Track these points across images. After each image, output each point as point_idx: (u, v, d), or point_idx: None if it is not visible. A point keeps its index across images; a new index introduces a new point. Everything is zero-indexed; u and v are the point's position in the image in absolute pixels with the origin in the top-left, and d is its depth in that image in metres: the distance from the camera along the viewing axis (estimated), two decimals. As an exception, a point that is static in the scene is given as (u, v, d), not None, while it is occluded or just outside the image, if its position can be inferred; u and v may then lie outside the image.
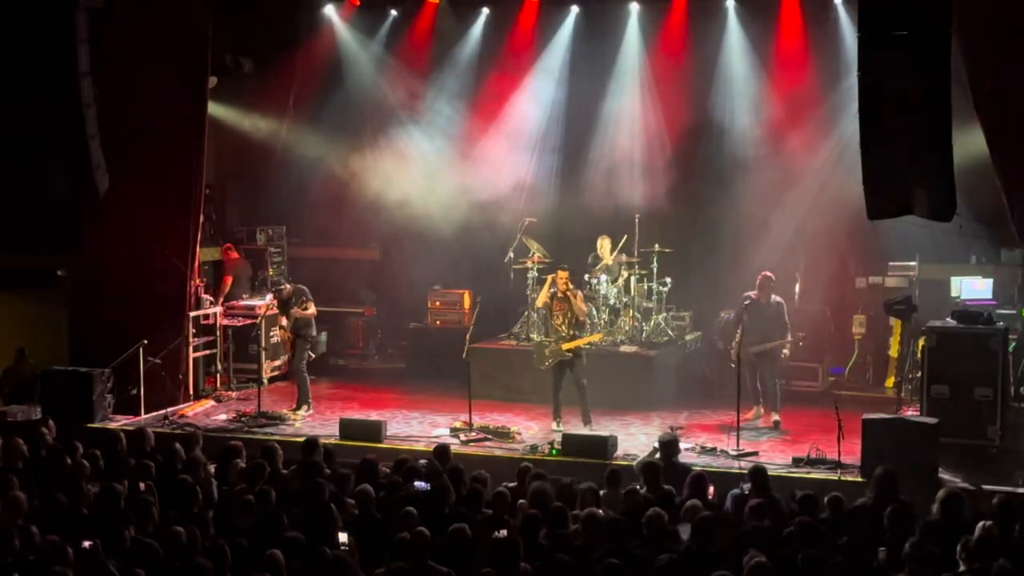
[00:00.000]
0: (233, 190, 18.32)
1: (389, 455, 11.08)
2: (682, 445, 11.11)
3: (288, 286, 14.29)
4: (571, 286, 13.16)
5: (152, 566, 7.45)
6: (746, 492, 9.36)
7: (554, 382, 13.21)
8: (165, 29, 14.13)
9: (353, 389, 15.83)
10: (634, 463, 10.97)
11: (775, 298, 13.48)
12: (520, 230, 15.80)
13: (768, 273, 13.57)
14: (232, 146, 17.63)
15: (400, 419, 13.80)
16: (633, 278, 15.32)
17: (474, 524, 8.34)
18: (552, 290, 13.24)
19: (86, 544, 7.51)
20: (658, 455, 10.79)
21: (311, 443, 10.60)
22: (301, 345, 14.18)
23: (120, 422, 13.52)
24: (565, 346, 12.96)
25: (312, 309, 14.16)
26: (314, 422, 13.71)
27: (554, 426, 13.14)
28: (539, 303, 13.59)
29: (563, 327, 13.02)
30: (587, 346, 13.28)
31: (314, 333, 14.50)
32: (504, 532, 7.94)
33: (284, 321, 14.26)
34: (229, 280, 16.39)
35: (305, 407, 14.05)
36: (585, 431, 12.78)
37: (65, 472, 9.66)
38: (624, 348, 14.86)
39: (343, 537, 8.09)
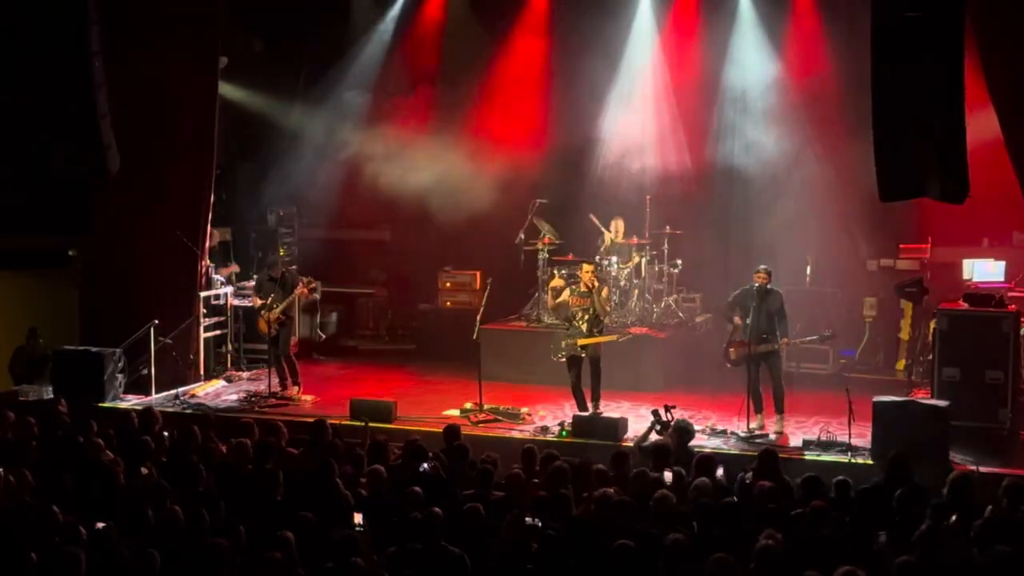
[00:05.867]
0: (244, 171, 18.33)
1: (399, 436, 11.10)
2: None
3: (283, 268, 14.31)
4: (596, 282, 12.50)
5: (167, 546, 7.46)
6: (747, 479, 9.33)
7: (572, 379, 12.63)
8: (176, 9, 14.13)
9: (364, 370, 15.86)
10: (633, 443, 11.09)
11: (772, 287, 12.28)
12: (531, 211, 15.77)
13: (764, 267, 12.39)
14: (243, 126, 17.64)
15: (411, 400, 13.81)
16: (644, 260, 15.30)
17: (485, 505, 8.35)
18: (573, 286, 12.92)
19: (100, 525, 7.53)
20: (655, 433, 10.98)
21: (320, 424, 10.61)
22: (287, 327, 14.02)
23: (131, 402, 13.59)
24: (581, 342, 12.49)
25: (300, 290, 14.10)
26: (324, 402, 13.71)
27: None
28: (550, 305, 13.03)
29: (583, 323, 12.50)
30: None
31: (293, 315, 14.39)
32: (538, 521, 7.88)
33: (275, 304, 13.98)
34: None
35: (296, 387, 13.98)
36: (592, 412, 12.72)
37: (80, 451, 9.69)
38: (634, 330, 14.85)
39: (358, 518, 8.09)
